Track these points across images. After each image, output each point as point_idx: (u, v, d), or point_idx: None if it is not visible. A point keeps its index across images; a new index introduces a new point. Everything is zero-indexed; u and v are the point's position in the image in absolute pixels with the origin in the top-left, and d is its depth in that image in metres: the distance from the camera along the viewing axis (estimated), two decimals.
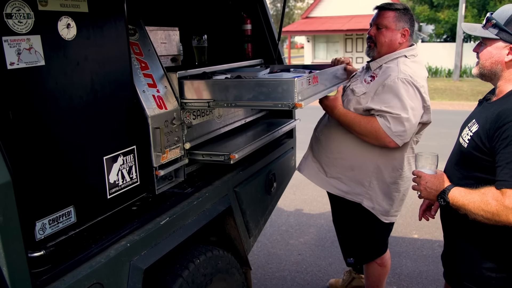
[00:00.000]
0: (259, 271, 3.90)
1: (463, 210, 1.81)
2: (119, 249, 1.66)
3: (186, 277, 2.01)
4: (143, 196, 2.04)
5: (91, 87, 1.70)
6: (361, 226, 2.86)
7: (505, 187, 1.69)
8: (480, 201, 1.74)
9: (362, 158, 2.68)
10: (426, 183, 1.95)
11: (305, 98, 2.17)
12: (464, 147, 1.91)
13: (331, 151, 2.77)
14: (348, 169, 2.72)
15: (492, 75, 1.89)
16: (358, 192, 2.71)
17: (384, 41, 2.65)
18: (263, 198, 2.83)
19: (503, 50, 1.83)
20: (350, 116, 2.61)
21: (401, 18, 2.63)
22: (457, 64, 19.54)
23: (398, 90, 2.49)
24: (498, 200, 1.69)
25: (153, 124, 2.02)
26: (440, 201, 1.89)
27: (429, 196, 1.96)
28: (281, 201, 4.68)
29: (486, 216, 1.72)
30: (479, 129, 1.84)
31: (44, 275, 1.41)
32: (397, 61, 2.62)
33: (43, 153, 1.51)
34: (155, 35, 2.44)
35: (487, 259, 1.91)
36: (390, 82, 2.52)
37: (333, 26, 23.69)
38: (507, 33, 1.80)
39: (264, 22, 3.23)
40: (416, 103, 2.52)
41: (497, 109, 1.79)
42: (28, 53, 1.44)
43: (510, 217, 1.66)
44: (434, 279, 3.72)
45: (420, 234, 4.54)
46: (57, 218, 1.58)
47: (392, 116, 2.49)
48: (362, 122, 2.57)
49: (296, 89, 2.04)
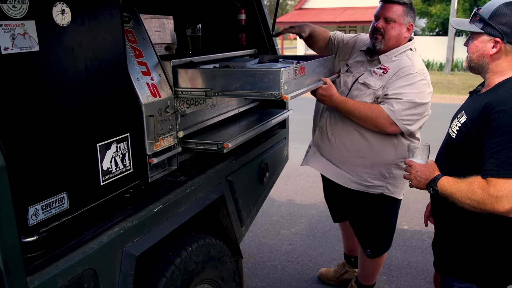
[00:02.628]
0: (250, 260, 3.92)
1: (451, 199, 1.86)
2: (112, 236, 1.67)
3: (178, 265, 2.03)
4: (136, 183, 2.05)
5: (85, 73, 1.69)
6: (381, 215, 2.92)
7: (491, 176, 1.74)
8: (467, 190, 1.79)
9: (381, 154, 2.71)
10: (416, 172, 2.01)
11: (292, 88, 2.19)
12: (453, 138, 1.95)
13: (348, 151, 2.77)
14: (368, 166, 2.74)
15: (479, 68, 1.94)
16: (379, 184, 2.76)
17: (393, 34, 2.67)
18: (255, 188, 2.85)
19: (488, 44, 1.87)
20: (349, 102, 2.64)
21: (408, 13, 2.66)
22: (449, 58, 19.60)
23: (413, 80, 2.57)
24: (484, 189, 1.74)
25: (147, 112, 2.02)
26: (429, 189, 1.94)
27: (419, 185, 2.01)
28: (273, 191, 4.70)
29: (472, 205, 1.78)
30: (467, 120, 1.89)
31: (37, 260, 1.42)
32: (406, 54, 2.69)
33: (36, 139, 1.51)
34: (150, 23, 2.43)
35: (474, 246, 1.96)
36: (405, 73, 2.59)
37: (326, 17, 23.63)
38: (492, 27, 1.84)
39: (258, 12, 3.22)
40: (426, 96, 2.59)
41: (485, 100, 1.83)
42: (23, 38, 1.43)
43: (494, 205, 1.72)
44: (423, 270, 3.76)
45: (410, 225, 4.58)
46: (50, 204, 1.58)
47: (397, 101, 2.54)
48: (362, 108, 2.62)
49: (283, 79, 2.06)
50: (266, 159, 2.95)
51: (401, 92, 2.56)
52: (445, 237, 2.12)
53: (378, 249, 3.05)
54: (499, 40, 1.84)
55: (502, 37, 1.83)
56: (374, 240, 3.02)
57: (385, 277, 3.67)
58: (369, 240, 3.03)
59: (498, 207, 1.71)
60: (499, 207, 1.71)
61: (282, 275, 3.70)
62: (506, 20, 1.81)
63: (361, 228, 3.04)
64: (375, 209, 2.88)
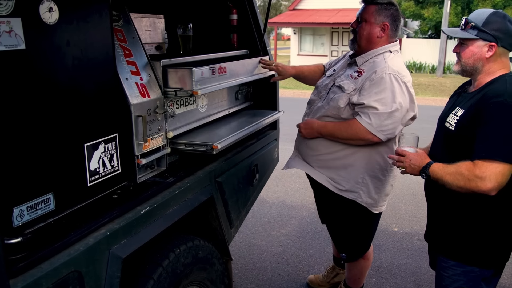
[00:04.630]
0: (240, 261, 3.91)
1: (441, 182, 2.04)
2: (98, 237, 1.65)
3: (166, 267, 2.01)
4: (124, 184, 2.02)
5: (73, 72, 1.67)
6: (355, 222, 2.87)
7: (478, 159, 1.93)
8: (455, 172, 1.98)
9: (353, 156, 2.69)
10: (410, 161, 2.16)
11: (207, 86, 2.35)
12: (451, 130, 2.10)
13: (322, 153, 2.76)
14: (342, 168, 2.72)
15: (473, 70, 2.12)
16: (353, 189, 2.73)
17: (362, 34, 2.66)
18: (245, 189, 2.83)
19: (483, 48, 2.07)
20: (329, 126, 2.67)
21: (381, 12, 2.62)
22: (441, 61, 19.72)
23: (386, 84, 2.51)
24: (470, 170, 1.93)
25: (136, 112, 2.00)
26: (422, 175, 2.12)
27: (413, 172, 2.17)
28: (264, 192, 4.69)
29: (459, 185, 1.97)
30: (465, 112, 2.06)
31: (21, 262, 1.40)
32: (383, 56, 2.63)
33: (22, 139, 1.49)
34: (140, 22, 2.41)
35: (466, 228, 2.13)
36: (378, 77, 2.53)
37: (319, 19, 23.66)
38: (486, 33, 2.04)
39: (250, 12, 3.21)
40: (402, 98, 2.53)
41: (480, 94, 2.03)
42: (8, 36, 1.40)
43: (478, 184, 1.91)
44: (412, 272, 3.77)
45: (399, 227, 4.59)
46: (36, 205, 1.55)
47: (373, 113, 2.50)
48: (342, 128, 2.62)
49: (194, 78, 2.22)
50: (256, 160, 2.94)
51: (377, 100, 2.50)
52: (439, 220, 2.26)
53: (353, 253, 3.03)
54: (494, 44, 2.03)
55: (497, 41, 2.03)
56: (347, 245, 3.01)
57: (374, 279, 3.66)
58: (343, 244, 3.03)
59: (481, 185, 1.90)
60: (482, 185, 1.90)
61: (272, 277, 3.69)
62: (497, 26, 2.03)
63: (335, 231, 3.04)
64: (349, 215, 2.85)
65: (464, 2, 21.32)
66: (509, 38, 2.04)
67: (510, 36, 2.04)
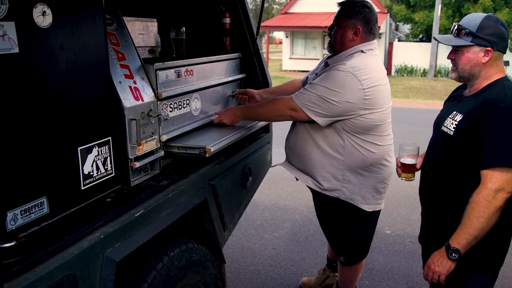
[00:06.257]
0: (233, 264, 3.91)
1: (479, 235, 1.94)
2: (92, 241, 1.65)
3: (159, 270, 2.01)
4: (118, 188, 2.02)
5: (67, 76, 1.67)
6: (347, 222, 2.86)
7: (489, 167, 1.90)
8: (478, 216, 1.90)
9: (327, 155, 2.68)
10: (434, 267, 2.04)
11: (173, 88, 2.40)
12: (450, 135, 2.09)
13: (302, 155, 2.78)
14: (320, 168, 2.73)
15: (471, 76, 2.11)
16: (335, 187, 2.73)
17: (335, 38, 2.68)
18: (238, 192, 2.84)
19: (479, 54, 2.06)
20: (251, 106, 2.76)
21: (353, 15, 2.61)
22: (432, 64, 19.86)
23: (336, 75, 2.50)
24: (485, 195, 1.89)
25: (129, 115, 2.00)
26: (454, 256, 1.98)
27: (445, 266, 2.03)
28: (257, 196, 4.69)
29: (490, 216, 1.90)
30: (464, 117, 2.05)
31: (15, 266, 1.39)
32: (353, 56, 2.61)
33: (15, 143, 1.48)
34: (133, 26, 2.41)
35: None
36: (332, 70, 2.55)
37: (311, 22, 23.74)
38: (481, 38, 2.03)
39: (243, 16, 3.22)
40: (345, 91, 2.46)
41: (480, 99, 2.02)
42: (2, 40, 1.40)
43: (498, 196, 1.88)
44: (404, 275, 3.79)
45: (392, 230, 4.61)
46: (29, 209, 1.55)
47: (307, 88, 2.55)
48: (264, 104, 2.70)
49: (159, 81, 2.26)
50: (249, 163, 2.95)
51: (319, 83, 2.51)
52: (437, 226, 2.25)
53: (352, 257, 3.02)
54: (490, 49, 2.03)
55: (492, 46, 2.03)
56: (345, 248, 3.00)
57: (367, 282, 3.68)
58: (340, 247, 3.03)
59: (501, 196, 1.88)
60: (501, 196, 1.88)
61: (265, 280, 3.70)
62: (491, 31, 2.02)
63: (330, 233, 3.04)
64: (340, 214, 2.85)
65: (455, 6, 21.52)
66: (504, 41, 2.04)
67: (504, 39, 2.05)
